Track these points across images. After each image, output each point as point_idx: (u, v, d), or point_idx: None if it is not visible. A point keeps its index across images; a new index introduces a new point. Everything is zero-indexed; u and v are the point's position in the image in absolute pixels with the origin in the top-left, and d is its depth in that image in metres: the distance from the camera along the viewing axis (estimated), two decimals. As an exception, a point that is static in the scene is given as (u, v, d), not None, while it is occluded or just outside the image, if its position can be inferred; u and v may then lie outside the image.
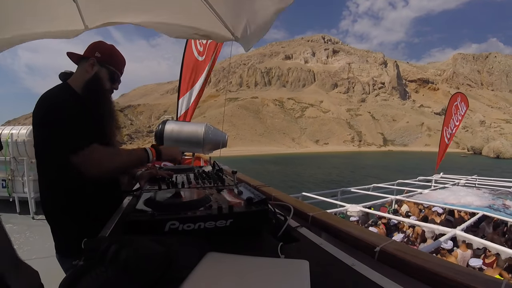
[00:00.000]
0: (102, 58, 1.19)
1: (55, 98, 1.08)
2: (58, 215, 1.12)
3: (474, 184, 8.35)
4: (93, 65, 1.17)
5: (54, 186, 1.11)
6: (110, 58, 1.21)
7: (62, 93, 1.11)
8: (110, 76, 1.21)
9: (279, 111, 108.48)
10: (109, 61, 1.20)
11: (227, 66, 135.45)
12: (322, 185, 22.10)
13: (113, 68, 1.21)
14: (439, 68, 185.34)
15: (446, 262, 0.67)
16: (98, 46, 1.21)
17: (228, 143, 1.93)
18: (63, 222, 1.12)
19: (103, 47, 1.21)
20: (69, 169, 1.02)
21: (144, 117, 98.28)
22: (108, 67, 1.20)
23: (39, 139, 1.08)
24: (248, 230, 0.80)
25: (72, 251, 1.07)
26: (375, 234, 0.90)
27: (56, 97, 1.08)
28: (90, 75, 1.17)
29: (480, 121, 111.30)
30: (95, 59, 1.17)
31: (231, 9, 1.55)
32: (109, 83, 1.22)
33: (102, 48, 1.20)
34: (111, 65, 1.21)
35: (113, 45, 1.26)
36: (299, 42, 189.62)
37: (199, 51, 4.32)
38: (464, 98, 10.85)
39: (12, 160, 4.58)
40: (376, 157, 63.92)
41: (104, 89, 1.20)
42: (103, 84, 1.19)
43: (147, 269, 0.54)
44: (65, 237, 1.13)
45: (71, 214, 1.11)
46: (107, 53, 1.21)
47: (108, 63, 1.20)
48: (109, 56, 1.21)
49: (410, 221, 4.79)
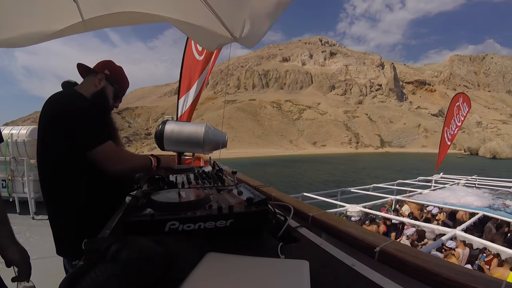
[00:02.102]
0: (111, 76, 1.25)
1: (73, 94, 1.12)
2: (60, 214, 1.13)
3: (474, 184, 8.34)
4: (101, 80, 1.23)
5: (57, 186, 1.11)
6: (118, 78, 1.29)
7: (77, 93, 1.15)
8: (115, 94, 1.27)
9: (276, 113, 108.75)
10: (117, 80, 1.27)
11: (225, 69, 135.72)
12: (321, 186, 22.12)
13: (119, 87, 1.28)
14: (436, 70, 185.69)
15: (446, 262, 0.67)
16: (108, 64, 1.28)
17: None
18: (65, 222, 1.13)
19: (112, 66, 1.28)
20: (79, 167, 1.04)
21: (142, 119, 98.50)
22: (114, 86, 1.26)
23: (49, 136, 1.08)
24: (248, 230, 0.80)
25: (72, 251, 1.07)
26: (375, 234, 0.90)
27: (73, 94, 1.13)
28: (97, 89, 1.21)
29: (477, 122, 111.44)
30: (105, 75, 1.23)
31: (230, 7, 1.53)
32: (113, 101, 1.28)
33: (112, 67, 1.27)
34: (118, 84, 1.27)
35: (119, 66, 1.34)
36: (296, 45, 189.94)
37: (198, 50, 4.32)
38: (466, 98, 10.84)
39: (12, 160, 4.57)
40: (373, 158, 64.04)
41: (108, 105, 1.26)
42: (108, 100, 1.25)
43: (147, 270, 0.54)
44: (65, 237, 1.13)
45: (73, 214, 1.11)
46: (116, 73, 1.28)
47: (115, 82, 1.27)
48: (118, 76, 1.29)
49: (410, 221, 4.79)
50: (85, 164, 1.08)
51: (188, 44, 4.26)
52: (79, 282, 0.49)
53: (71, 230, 1.11)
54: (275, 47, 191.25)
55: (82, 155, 1.04)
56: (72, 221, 1.11)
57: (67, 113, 1.04)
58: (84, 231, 0.95)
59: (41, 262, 1.13)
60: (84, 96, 1.15)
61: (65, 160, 1.05)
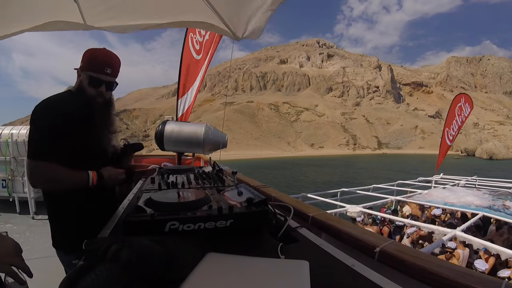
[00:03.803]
0: (83, 65, 1.19)
1: (46, 100, 1.11)
2: (58, 212, 1.15)
3: (474, 185, 8.34)
4: (79, 75, 1.20)
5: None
6: (88, 63, 1.19)
7: (52, 98, 1.13)
8: (91, 80, 1.18)
9: (274, 115, 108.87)
10: (88, 66, 1.18)
11: (223, 71, 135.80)
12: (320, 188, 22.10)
13: (92, 73, 1.18)
14: (433, 71, 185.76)
15: (446, 263, 0.67)
16: (83, 55, 1.20)
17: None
18: (63, 219, 1.15)
19: (85, 54, 1.20)
20: (76, 167, 1.06)
21: (139, 121, 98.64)
22: (87, 73, 1.18)
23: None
24: (248, 230, 0.80)
25: (70, 247, 1.09)
26: (375, 234, 0.90)
27: (46, 100, 1.11)
28: (77, 86, 1.20)
29: (474, 123, 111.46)
30: (80, 69, 1.19)
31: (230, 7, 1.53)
32: (92, 89, 1.19)
33: (84, 56, 1.20)
34: (90, 70, 1.18)
35: (99, 48, 1.24)
36: (294, 47, 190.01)
37: (196, 49, 4.31)
38: (468, 99, 10.80)
39: (12, 160, 4.58)
40: (371, 160, 64.08)
41: (87, 95, 1.18)
42: (85, 91, 1.18)
43: (147, 270, 0.54)
44: (63, 233, 1.16)
45: (70, 211, 1.13)
46: (85, 59, 1.19)
47: (87, 69, 1.18)
48: (87, 61, 1.19)
49: (410, 221, 4.79)
50: (82, 163, 1.10)
51: (186, 43, 4.26)
52: (79, 281, 0.50)
53: (70, 229, 1.13)
54: (272, 49, 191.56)
55: (68, 156, 1.07)
56: (71, 219, 1.13)
57: (31, 118, 1.08)
58: (83, 230, 0.96)
59: (41, 262, 1.13)
60: (57, 99, 1.14)
61: (58, 160, 1.06)
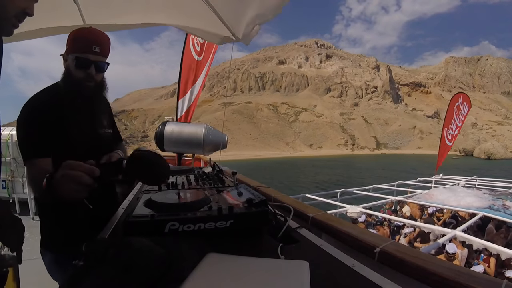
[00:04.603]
0: (68, 48, 1.09)
1: (30, 100, 1.05)
2: (48, 211, 1.15)
3: (474, 185, 8.34)
4: (65, 59, 1.11)
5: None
6: (73, 44, 1.09)
7: (42, 95, 1.08)
8: (77, 63, 1.07)
9: (273, 115, 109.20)
10: (73, 48, 1.09)
11: (221, 71, 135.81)
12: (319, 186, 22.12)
13: (78, 54, 1.07)
14: (431, 72, 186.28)
15: (446, 263, 0.67)
16: (67, 37, 1.10)
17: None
18: (54, 219, 1.14)
19: (69, 35, 1.10)
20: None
21: (138, 122, 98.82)
22: (72, 55, 1.08)
23: None
24: (248, 231, 0.80)
25: (54, 247, 1.10)
26: (375, 235, 0.90)
27: (31, 100, 1.05)
28: (63, 72, 1.12)
29: (472, 123, 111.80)
30: (66, 53, 1.10)
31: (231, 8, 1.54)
32: (80, 71, 1.08)
33: (68, 38, 1.10)
34: (75, 51, 1.08)
35: (84, 27, 1.15)
36: (292, 47, 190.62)
37: (197, 51, 4.33)
38: (466, 98, 10.82)
39: (12, 161, 4.58)
40: (369, 160, 64.12)
41: (75, 80, 1.09)
42: (72, 75, 1.09)
43: (147, 270, 0.54)
44: (51, 232, 1.16)
45: (61, 212, 1.10)
46: (70, 41, 1.09)
47: (72, 51, 1.08)
48: (72, 42, 1.09)
49: (410, 221, 4.79)
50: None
51: (187, 45, 4.27)
52: (79, 282, 0.49)
53: (55, 229, 1.13)
54: (271, 50, 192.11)
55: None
56: (57, 219, 1.12)
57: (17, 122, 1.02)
58: (69, 231, 0.96)
59: (41, 262, 1.13)
60: (50, 96, 1.08)
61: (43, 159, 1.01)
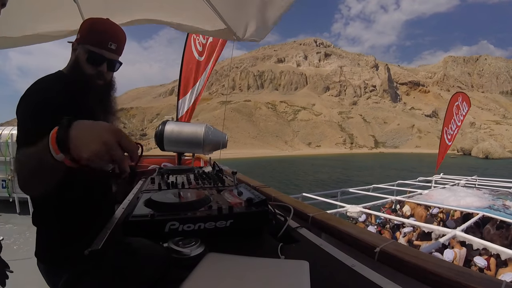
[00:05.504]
0: (81, 36, 0.96)
1: (35, 84, 0.92)
2: (44, 218, 0.97)
3: (474, 185, 8.34)
4: (75, 48, 0.98)
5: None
6: (89, 34, 0.96)
7: (52, 82, 0.95)
8: (89, 57, 0.95)
9: (271, 114, 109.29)
10: (87, 39, 0.96)
11: (220, 69, 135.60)
12: (318, 183, 22.13)
13: (92, 47, 0.95)
14: (430, 71, 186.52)
15: (446, 263, 0.67)
16: (81, 25, 0.98)
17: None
18: (50, 226, 0.97)
19: (84, 23, 0.98)
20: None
21: (137, 120, 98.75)
22: (85, 47, 0.96)
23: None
24: (248, 230, 0.80)
25: (55, 259, 0.92)
26: (375, 234, 0.90)
27: (40, 83, 0.92)
28: (71, 62, 0.99)
29: (470, 123, 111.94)
30: (76, 41, 0.98)
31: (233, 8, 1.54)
32: (91, 67, 0.97)
33: (83, 26, 0.98)
34: (90, 43, 0.95)
35: (103, 18, 1.00)
36: (291, 46, 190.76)
37: (199, 51, 4.31)
38: (466, 97, 10.83)
39: (12, 161, 4.58)
40: (368, 158, 64.20)
41: (84, 75, 0.97)
42: (81, 69, 0.97)
43: (147, 270, 0.54)
44: (48, 242, 0.97)
45: (58, 218, 0.95)
46: (85, 30, 0.96)
47: (86, 42, 0.95)
48: (88, 32, 0.96)
49: (410, 221, 4.79)
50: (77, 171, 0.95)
51: (188, 44, 4.25)
52: (79, 282, 0.50)
53: (57, 236, 0.96)
54: (270, 48, 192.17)
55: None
56: (59, 225, 0.96)
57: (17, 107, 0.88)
58: (71, 237, 0.90)
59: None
60: (47, 78, 0.94)
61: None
